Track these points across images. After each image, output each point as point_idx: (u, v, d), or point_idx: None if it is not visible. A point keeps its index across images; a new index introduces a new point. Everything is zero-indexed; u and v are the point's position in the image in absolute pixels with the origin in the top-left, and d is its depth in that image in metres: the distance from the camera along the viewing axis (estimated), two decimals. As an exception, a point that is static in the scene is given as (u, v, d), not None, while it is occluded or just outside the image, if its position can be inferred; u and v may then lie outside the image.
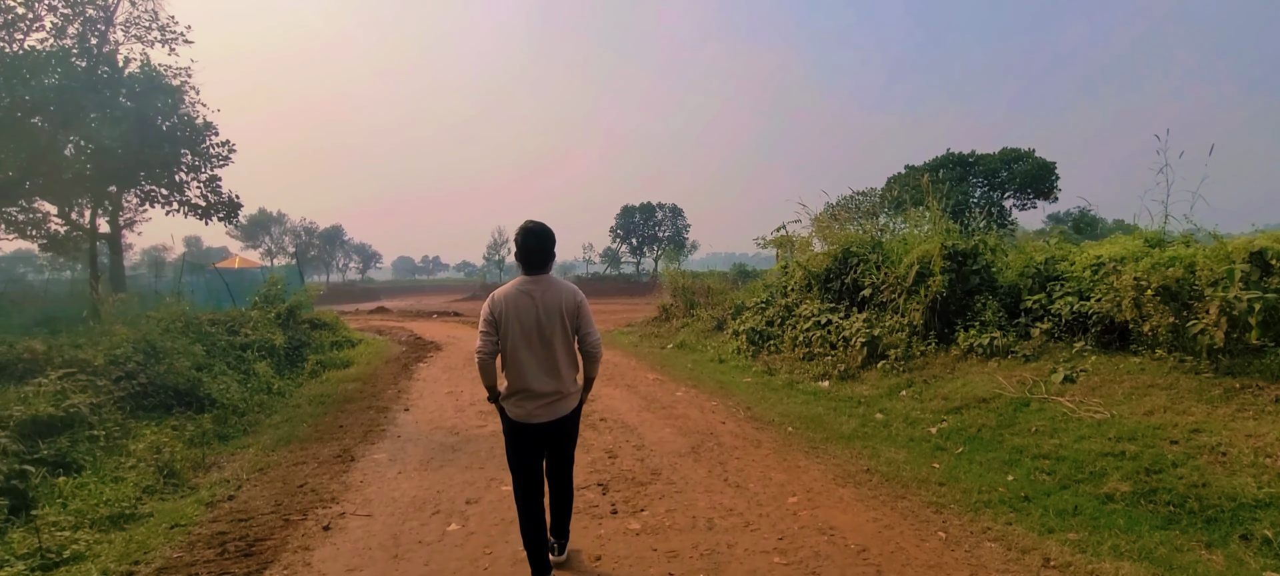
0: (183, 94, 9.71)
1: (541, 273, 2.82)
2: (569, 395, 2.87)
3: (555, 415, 2.82)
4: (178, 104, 9.58)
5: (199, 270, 13.77)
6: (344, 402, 7.03)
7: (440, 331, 16.42)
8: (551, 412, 2.80)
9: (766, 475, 4.33)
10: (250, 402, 6.81)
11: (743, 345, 10.48)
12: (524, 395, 2.78)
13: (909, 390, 6.92)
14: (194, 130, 9.77)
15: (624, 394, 7.19)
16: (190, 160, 9.94)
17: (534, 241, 2.79)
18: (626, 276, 63.90)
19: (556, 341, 2.78)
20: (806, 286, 10.61)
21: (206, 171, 10.27)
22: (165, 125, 9.40)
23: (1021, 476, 4.42)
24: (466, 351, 11.78)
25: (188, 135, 9.71)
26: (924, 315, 7.89)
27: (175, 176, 10.02)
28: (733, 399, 7.07)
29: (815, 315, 9.61)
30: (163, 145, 9.16)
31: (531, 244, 2.79)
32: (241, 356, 8.31)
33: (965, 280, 7.94)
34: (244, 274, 17.14)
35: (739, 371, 9.17)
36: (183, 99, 9.70)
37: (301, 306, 10.80)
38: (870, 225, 10.41)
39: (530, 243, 2.79)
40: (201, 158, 10.05)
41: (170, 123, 9.50)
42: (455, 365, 9.90)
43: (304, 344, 10.00)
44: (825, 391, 7.55)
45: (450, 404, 6.92)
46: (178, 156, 9.56)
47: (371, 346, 11.99)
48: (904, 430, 5.71)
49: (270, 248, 65.36)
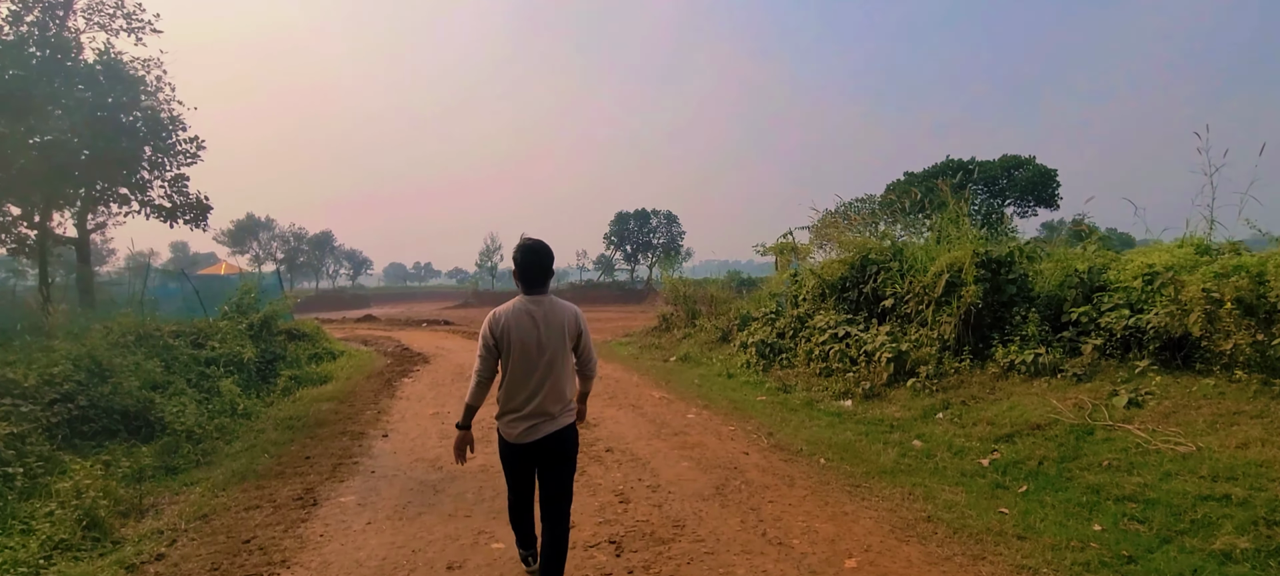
0: (145, 85, 8.90)
1: (541, 291, 2.74)
2: (567, 412, 2.79)
3: (553, 429, 2.73)
4: (139, 96, 8.75)
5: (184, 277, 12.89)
6: (315, 426, 6.25)
7: (429, 342, 15.62)
8: (551, 427, 2.72)
9: (810, 525, 3.62)
10: (208, 427, 6.02)
11: (752, 359, 9.78)
12: (519, 416, 2.69)
13: (946, 413, 6.24)
14: (157, 124, 8.92)
15: (630, 416, 6.46)
16: (153, 157, 9.07)
17: (532, 259, 2.71)
18: (621, 284, 63.19)
19: (558, 361, 2.71)
20: (820, 295, 9.94)
21: (171, 170, 9.44)
22: (125, 119, 8.55)
23: (1109, 525, 3.73)
24: (456, 364, 11.01)
25: (150, 130, 8.86)
26: (956, 328, 7.22)
27: (138, 175, 9.15)
28: (750, 421, 6.36)
29: (832, 327, 8.93)
30: (119, 140, 8.32)
31: (530, 261, 2.70)
32: (205, 373, 7.51)
33: (1000, 290, 7.29)
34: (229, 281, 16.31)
35: (751, 388, 8.46)
36: (145, 90, 8.87)
37: (277, 316, 9.99)
38: (890, 231, 9.74)
39: (529, 260, 2.70)
40: (166, 154, 9.18)
41: (131, 117, 8.64)
42: (443, 380, 9.14)
43: (278, 357, 9.20)
44: (850, 412, 6.86)
45: (435, 428, 6.16)
46: (137, 153, 8.69)
47: (354, 359, 11.19)
48: (951, 462, 5.02)
49: (258, 253, 64.15)
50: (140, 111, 8.75)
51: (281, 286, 13.73)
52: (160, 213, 9.47)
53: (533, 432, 2.68)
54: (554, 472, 2.78)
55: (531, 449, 2.71)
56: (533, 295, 2.71)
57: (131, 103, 8.67)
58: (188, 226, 9.72)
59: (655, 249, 64.78)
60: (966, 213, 8.79)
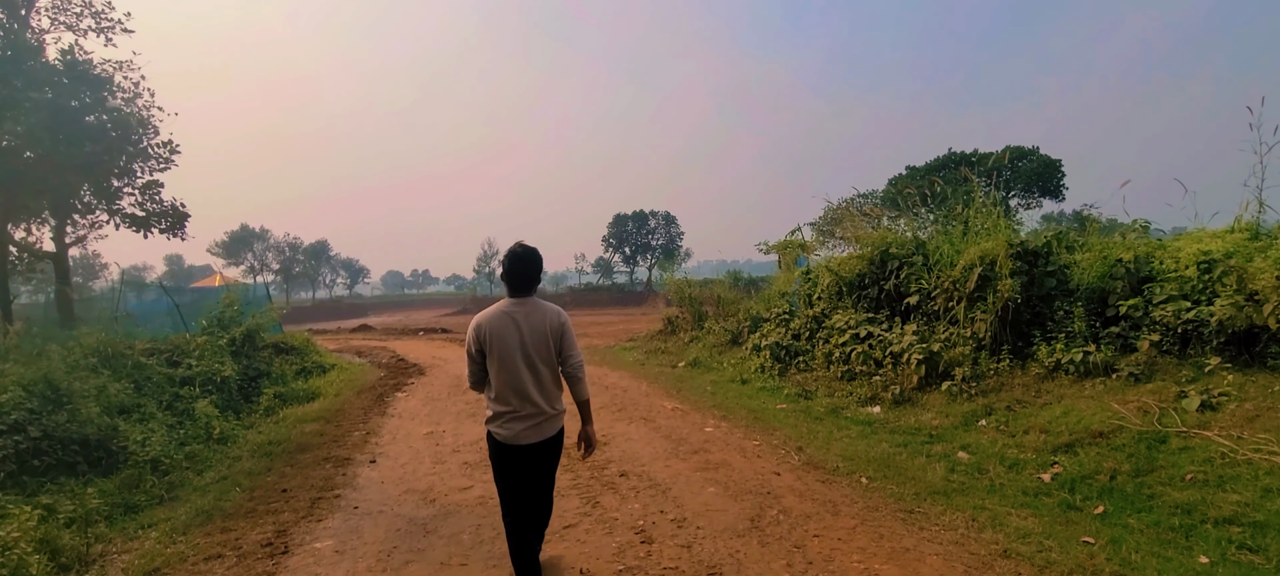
0: (115, 87, 8.29)
1: (526, 295, 2.82)
2: (554, 416, 2.85)
3: (541, 436, 2.81)
4: (106, 97, 8.14)
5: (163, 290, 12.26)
6: (297, 452, 5.68)
7: (425, 352, 15.03)
8: (537, 434, 2.79)
9: (870, 567, 3.06)
10: (177, 456, 5.44)
11: (767, 362, 9.22)
12: (510, 417, 2.77)
13: (990, 420, 5.69)
14: (126, 127, 8.31)
15: (643, 432, 5.89)
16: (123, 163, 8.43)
17: (520, 265, 2.80)
18: (620, 286, 62.62)
19: (541, 363, 2.78)
20: (837, 294, 9.39)
21: (143, 175, 8.82)
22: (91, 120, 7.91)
23: (1217, 557, 3.17)
24: (453, 375, 10.44)
25: (119, 133, 8.24)
26: (992, 326, 6.67)
27: (107, 182, 8.53)
28: (775, 434, 5.80)
29: (852, 327, 8.37)
30: (83, 144, 7.72)
31: (517, 268, 2.80)
32: (180, 394, 6.94)
33: (1038, 283, 6.75)
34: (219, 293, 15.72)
35: (769, 395, 7.90)
36: (121, 93, 8.27)
37: (262, 329, 9.41)
38: (911, 222, 9.19)
39: (516, 266, 2.80)
40: (136, 159, 8.56)
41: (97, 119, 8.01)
42: (438, 394, 8.56)
43: (262, 374, 8.62)
44: (880, 420, 6.31)
45: (428, 450, 5.59)
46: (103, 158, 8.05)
47: (345, 373, 10.61)
48: (1008, 478, 4.47)
49: (253, 264, 63.45)
50: (107, 114, 8.12)
51: (269, 297, 13.16)
52: (132, 222, 8.86)
53: (522, 436, 2.75)
54: (539, 473, 2.90)
55: (522, 452, 2.79)
56: (518, 298, 2.79)
57: (97, 104, 8.04)
58: (164, 236, 9.12)
59: (654, 250, 64.25)
60: (997, 201, 8.26)
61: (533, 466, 2.84)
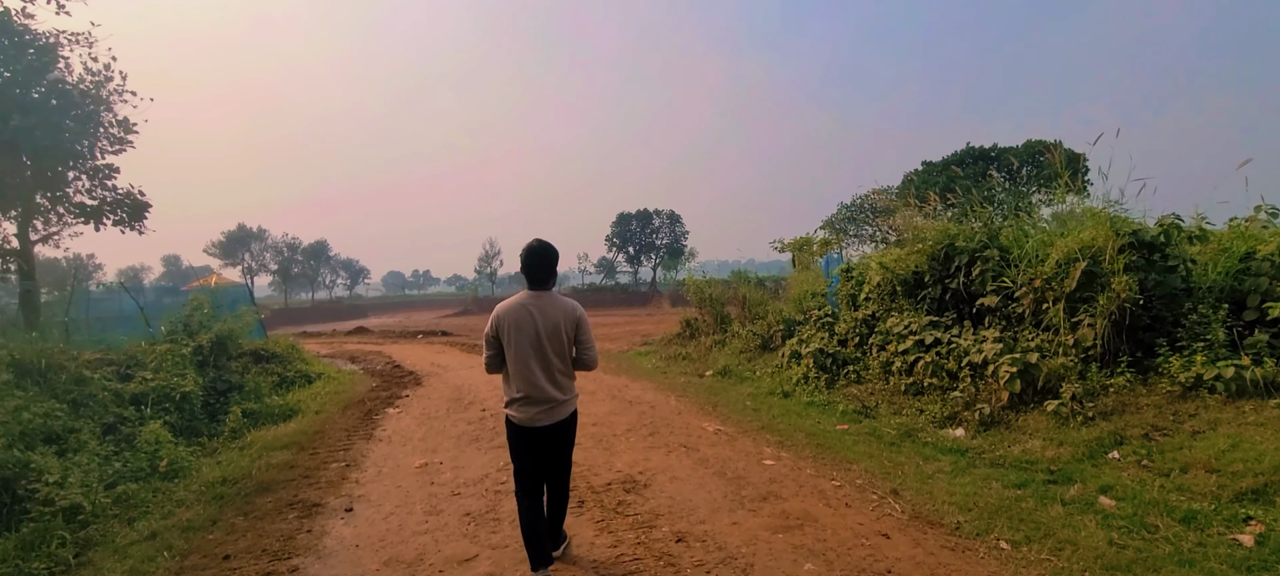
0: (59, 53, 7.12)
1: (543, 288, 3.00)
2: (566, 401, 3.02)
3: (554, 420, 2.98)
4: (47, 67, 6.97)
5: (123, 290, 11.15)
6: (256, 493, 4.55)
7: (424, 357, 13.91)
8: (550, 417, 2.96)
9: None
10: (104, 500, 4.32)
11: (810, 372, 8.09)
12: (526, 402, 2.94)
13: (1122, 450, 4.54)
14: (70, 104, 7.14)
15: (688, 467, 4.75)
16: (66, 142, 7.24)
17: (536, 259, 2.97)
18: (624, 286, 61.48)
19: (554, 355, 2.95)
20: (889, 294, 8.25)
21: (91, 159, 7.62)
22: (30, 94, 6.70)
23: None
24: (453, 386, 9.32)
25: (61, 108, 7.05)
26: (1102, 332, 5.53)
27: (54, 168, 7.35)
28: (852, 469, 4.66)
29: (914, 332, 7.24)
30: (10, 117, 6.51)
31: (534, 262, 2.97)
32: (124, 416, 5.81)
33: (1158, 281, 5.60)
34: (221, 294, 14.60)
35: (821, 412, 6.77)
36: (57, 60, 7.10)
37: (236, 335, 8.28)
38: (983, 212, 8.06)
39: (533, 261, 2.97)
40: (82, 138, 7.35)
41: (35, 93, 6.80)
42: (437, 411, 7.43)
43: (233, 387, 7.49)
44: (972, 448, 5.17)
45: (421, 492, 4.46)
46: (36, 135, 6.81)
47: (332, 383, 9.49)
48: (1191, 541, 3.32)
49: (250, 265, 62.34)
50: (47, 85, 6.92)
51: (252, 298, 12.01)
52: (81, 213, 7.70)
53: (537, 420, 2.94)
54: (555, 455, 3.10)
55: (537, 433, 2.97)
56: (535, 291, 2.98)
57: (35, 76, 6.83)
58: (119, 229, 7.97)
59: (658, 250, 63.10)
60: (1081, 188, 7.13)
61: (548, 446, 3.03)
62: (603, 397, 7.76)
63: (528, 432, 2.94)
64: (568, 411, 3.01)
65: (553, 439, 3.00)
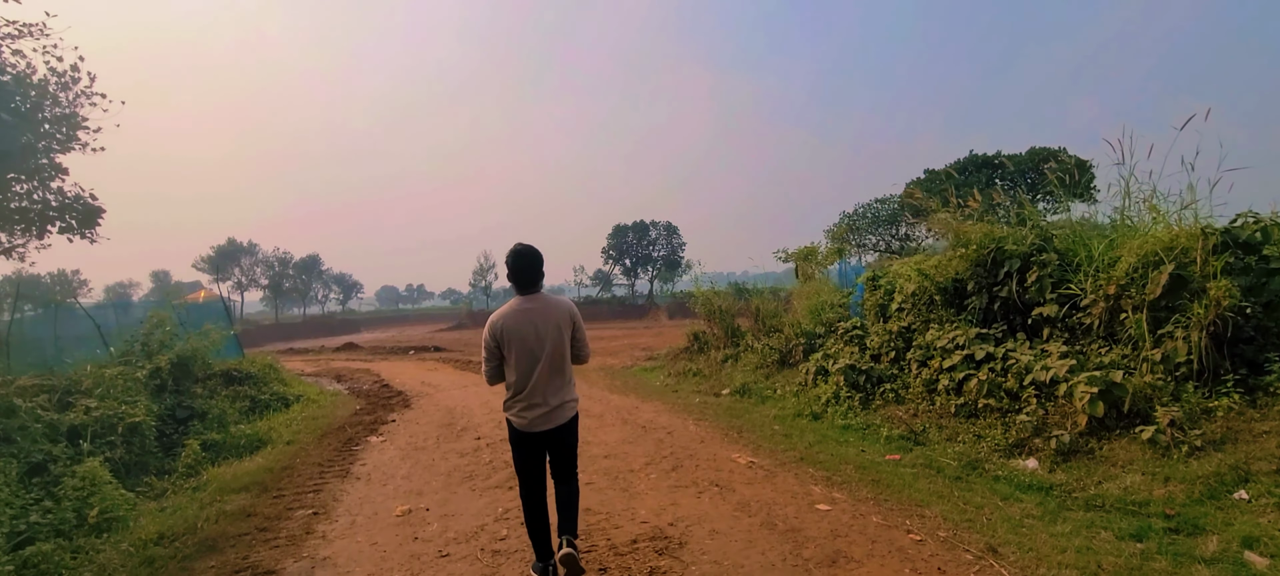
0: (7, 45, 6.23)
1: (533, 291, 2.99)
2: (567, 404, 3.00)
3: (555, 423, 2.95)
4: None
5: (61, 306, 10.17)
6: (199, 555, 3.70)
7: (414, 375, 13.03)
8: (551, 421, 2.94)
9: None
10: (3, 571, 3.46)
11: (841, 390, 7.30)
12: (526, 406, 2.92)
13: (1250, 489, 3.77)
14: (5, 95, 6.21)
15: (728, 515, 3.92)
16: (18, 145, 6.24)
17: (522, 263, 2.95)
18: (621, 299, 60.64)
19: (554, 355, 2.92)
20: (927, 304, 7.49)
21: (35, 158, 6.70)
22: None
23: None
24: (445, 408, 8.47)
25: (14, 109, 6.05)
26: (1198, 346, 4.76)
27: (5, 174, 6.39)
28: (926, 515, 3.86)
29: (961, 346, 6.47)
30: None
31: (521, 265, 2.95)
32: (53, 454, 4.95)
33: (1261, 287, 4.86)
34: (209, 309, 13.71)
35: (863, 438, 5.98)
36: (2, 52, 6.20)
37: (200, 355, 7.42)
38: (1034, 213, 7.34)
39: (519, 264, 2.95)
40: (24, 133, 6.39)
41: None
42: (425, 440, 6.59)
43: (195, 415, 6.63)
44: (1051, 482, 4.40)
45: (400, 550, 3.62)
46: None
47: (311, 406, 8.62)
48: None
49: (241, 280, 61.17)
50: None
51: (227, 313, 11.11)
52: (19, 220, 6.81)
53: (540, 422, 2.92)
54: (560, 454, 3.06)
55: (540, 437, 2.95)
56: (527, 294, 2.97)
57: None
58: (67, 237, 7.11)
59: (655, 262, 62.36)
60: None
61: (552, 449, 3.03)
62: (613, 422, 6.94)
63: (530, 437, 2.95)
64: (570, 414, 3.01)
65: (556, 442, 3.01)
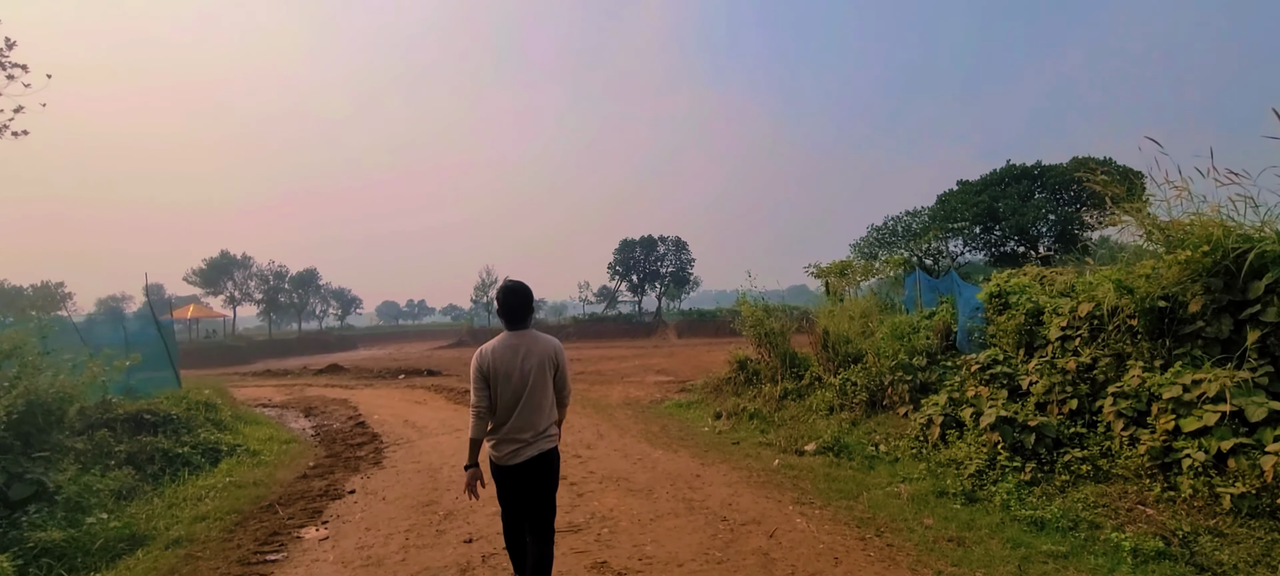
0: None
1: (522, 327, 3.00)
2: (543, 436, 2.96)
3: (526, 456, 2.91)
4: None
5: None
6: None
7: (398, 409, 10.74)
8: (527, 453, 2.91)
9: None
10: None
11: (1000, 456, 5.02)
12: (502, 439, 2.92)
13: None
14: None
15: None
16: None
17: (513, 299, 2.98)
18: (627, 316, 58.31)
19: (538, 389, 2.94)
20: (1121, 330, 5.23)
21: None
22: None
23: None
24: (428, 466, 6.22)
25: None
26: None
27: None
28: None
29: (1210, 398, 4.20)
30: None
31: (511, 302, 2.98)
32: None
33: None
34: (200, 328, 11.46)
35: (1085, 550, 3.70)
36: None
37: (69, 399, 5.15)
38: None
39: (512, 301, 2.98)
40: None
41: None
42: (390, 530, 4.32)
43: (38, 495, 4.36)
44: None
45: None
46: None
47: (244, 466, 6.36)
48: None
49: (233, 294, 58.96)
50: None
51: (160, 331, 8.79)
52: None
53: (517, 455, 2.90)
54: (537, 493, 2.97)
55: (516, 470, 2.92)
56: (516, 330, 2.99)
57: None
58: None
59: (663, 278, 60.13)
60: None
61: (527, 483, 2.94)
62: (671, 505, 4.67)
63: (505, 472, 2.94)
64: (546, 447, 2.96)
65: (532, 475, 2.93)
